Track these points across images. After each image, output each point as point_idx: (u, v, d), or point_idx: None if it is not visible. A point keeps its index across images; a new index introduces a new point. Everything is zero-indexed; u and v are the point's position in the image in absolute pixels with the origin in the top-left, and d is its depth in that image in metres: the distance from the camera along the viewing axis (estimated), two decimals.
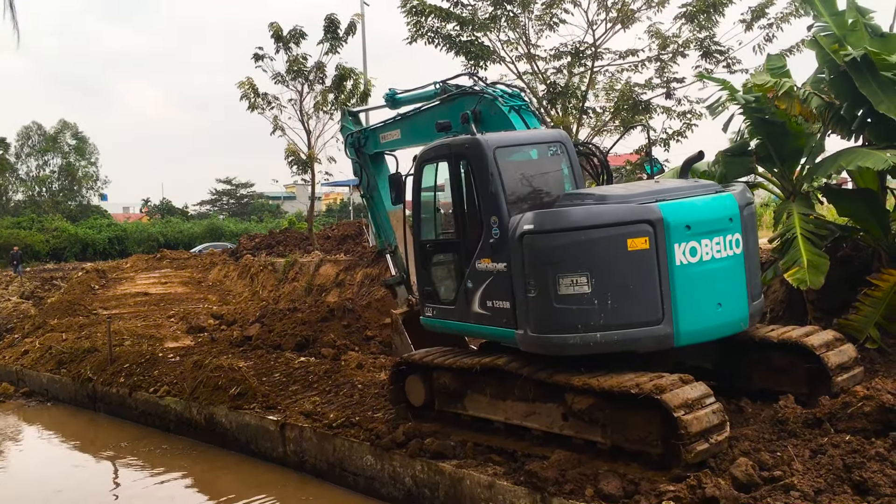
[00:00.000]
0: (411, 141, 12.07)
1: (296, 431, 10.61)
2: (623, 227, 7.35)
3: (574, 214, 7.50)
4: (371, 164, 13.06)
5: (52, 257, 53.80)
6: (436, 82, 11.61)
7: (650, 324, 7.38)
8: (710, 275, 7.64)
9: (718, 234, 7.72)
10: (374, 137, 12.62)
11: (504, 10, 19.10)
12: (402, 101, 13.08)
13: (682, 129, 19.85)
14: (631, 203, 7.54)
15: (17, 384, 17.89)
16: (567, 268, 7.38)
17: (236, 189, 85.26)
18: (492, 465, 8.07)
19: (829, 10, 10.98)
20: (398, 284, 13.10)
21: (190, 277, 28.59)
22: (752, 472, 6.53)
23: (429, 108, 11.11)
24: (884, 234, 10.42)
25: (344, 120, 13.94)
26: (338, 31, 26.81)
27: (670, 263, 7.37)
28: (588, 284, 7.34)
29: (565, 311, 7.42)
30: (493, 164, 8.22)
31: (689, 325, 7.48)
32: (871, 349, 9.60)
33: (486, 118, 9.76)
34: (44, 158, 71.70)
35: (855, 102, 10.26)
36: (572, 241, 7.39)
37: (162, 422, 13.46)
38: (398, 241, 13.00)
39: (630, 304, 7.36)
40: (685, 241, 7.46)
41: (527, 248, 7.64)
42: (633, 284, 7.35)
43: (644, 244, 7.32)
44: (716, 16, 18.46)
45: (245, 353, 14.80)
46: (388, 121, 12.49)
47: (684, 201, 7.73)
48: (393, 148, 12.61)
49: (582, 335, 7.38)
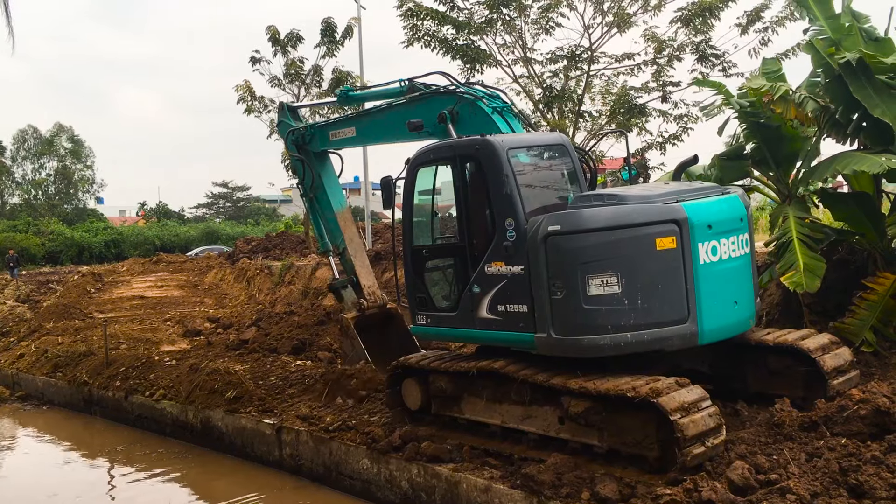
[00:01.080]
0: (368, 139, 11.72)
1: (292, 435, 10.59)
2: (652, 227, 7.41)
3: (602, 214, 7.49)
4: (316, 162, 12.62)
5: (48, 261, 53.73)
6: (401, 80, 11.23)
7: (677, 322, 7.45)
8: (728, 273, 7.79)
9: (733, 233, 7.90)
10: (323, 134, 12.19)
11: (500, 14, 19.11)
12: (357, 99, 12.74)
13: (677, 133, 19.87)
14: (656, 203, 7.59)
15: (13, 388, 17.85)
16: (597, 268, 7.38)
17: (233, 192, 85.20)
18: (488, 469, 8.06)
19: (825, 14, 11.01)
20: (344, 287, 12.80)
21: (186, 281, 28.57)
22: (748, 475, 6.54)
23: (395, 106, 10.77)
24: (879, 238, 10.44)
25: (282, 115, 13.47)
26: (335, 35, 26.86)
27: (695, 262, 7.46)
28: (618, 284, 7.34)
29: (595, 311, 7.39)
30: (508, 164, 8.10)
31: (711, 323, 7.59)
32: (867, 352, 9.62)
33: (463, 119, 9.54)
34: (39, 162, 71.53)
35: (850, 106, 10.28)
36: (602, 242, 7.39)
37: (158, 425, 13.43)
38: (347, 243, 12.69)
39: (658, 303, 7.41)
40: (707, 241, 7.58)
41: (552, 249, 7.56)
42: (661, 284, 7.41)
43: (672, 243, 7.40)
44: (711, 20, 18.48)
45: (241, 356, 14.78)
46: (342, 117, 12.15)
47: (704, 201, 7.85)
48: (344, 146, 12.20)
49: (612, 336, 7.37)
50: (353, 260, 12.78)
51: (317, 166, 12.64)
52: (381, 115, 11.19)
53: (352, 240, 12.83)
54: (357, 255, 12.86)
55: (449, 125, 9.49)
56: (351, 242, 12.80)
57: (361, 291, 12.75)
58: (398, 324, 13.02)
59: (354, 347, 12.27)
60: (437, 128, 9.78)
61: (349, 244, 12.73)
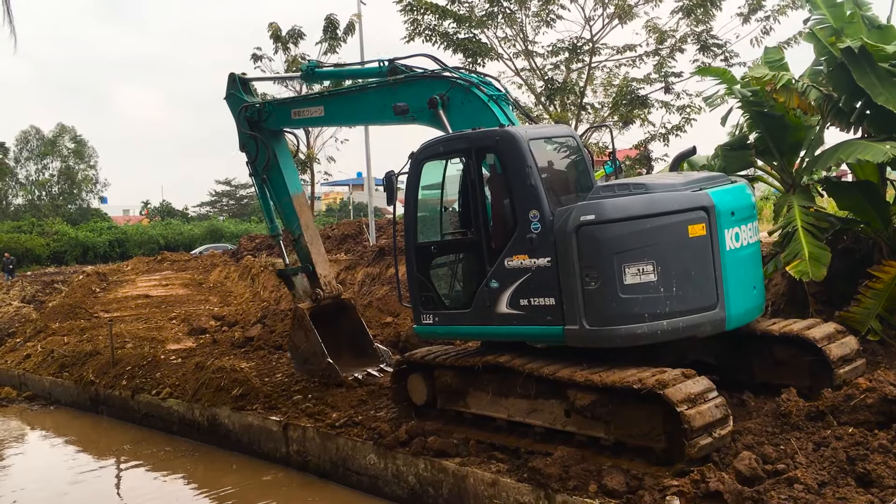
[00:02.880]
0: (338, 120, 10.98)
1: (299, 431, 10.61)
2: (684, 214, 7.45)
3: (635, 203, 7.50)
4: (272, 141, 11.92)
5: (53, 261, 53.83)
6: (381, 60, 10.77)
7: (708, 309, 7.53)
8: (747, 260, 7.95)
9: (750, 220, 8.08)
10: (283, 112, 11.59)
11: (501, 7, 19.08)
12: (325, 76, 12.12)
13: (680, 124, 19.83)
14: (684, 191, 7.64)
15: (20, 388, 17.91)
16: (633, 257, 7.38)
17: (236, 190, 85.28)
18: (495, 463, 8.06)
19: (827, 2, 10.96)
20: (295, 274, 12.25)
21: (191, 279, 28.57)
22: (755, 465, 6.53)
23: (375, 87, 10.37)
24: (884, 226, 10.41)
25: (232, 87, 12.36)
26: (336, 31, 26.82)
27: (721, 248, 7.54)
28: (654, 272, 7.36)
29: (632, 300, 7.39)
30: (531, 156, 7.98)
31: (736, 309, 7.70)
32: (873, 341, 9.60)
33: (454, 105, 9.28)
34: (43, 162, 71.72)
35: (853, 94, 10.24)
36: (637, 230, 7.41)
37: (165, 424, 13.46)
38: (303, 229, 12.06)
39: (691, 290, 7.47)
40: (731, 227, 7.69)
41: (586, 239, 7.49)
42: (693, 270, 7.47)
43: (702, 230, 7.47)
44: (713, 9, 18.42)
45: (247, 353, 14.81)
46: (310, 95, 11.37)
47: (725, 188, 7.94)
48: (307, 126, 11.66)
49: (650, 324, 7.38)
50: (309, 247, 12.18)
51: (272, 145, 11.96)
52: (356, 95, 10.74)
53: (307, 226, 12.22)
54: (313, 243, 12.27)
55: (440, 111, 9.24)
56: (307, 229, 12.19)
57: (317, 281, 12.20)
58: (350, 315, 12.64)
59: (309, 339, 11.84)
60: (423, 113, 9.46)
61: (305, 230, 12.12)
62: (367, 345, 12.61)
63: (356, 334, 12.61)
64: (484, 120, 8.91)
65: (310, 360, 11.99)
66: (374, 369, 12.03)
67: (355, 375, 11.68)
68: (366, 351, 12.53)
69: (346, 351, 12.41)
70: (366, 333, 12.71)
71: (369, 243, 26.58)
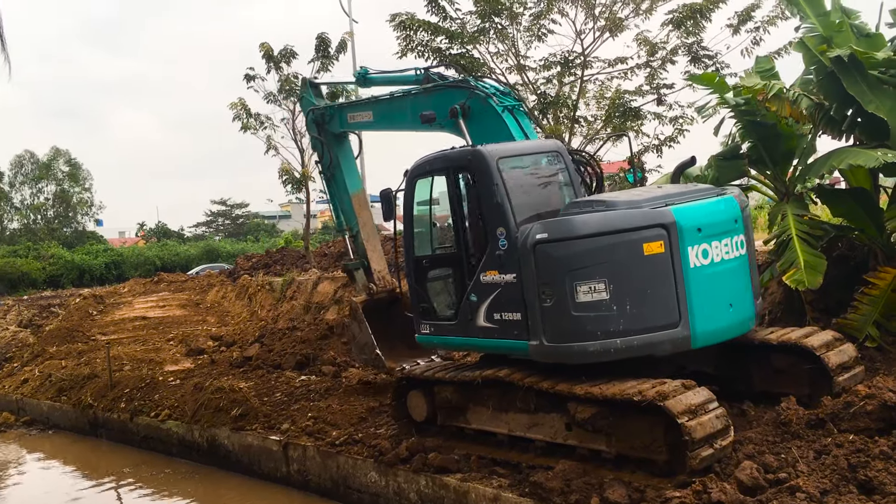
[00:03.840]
0: (384, 125, 11.58)
1: (299, 451, 10.57)
2: (638, 232, 7.40)
3: (589, 221, 7.51)
4: (334, 143, 12.62)
5: (49, 284, 53.60)
6: (417, 69, 11.28)
7: (668, 327, 7.44)
8: (721, 276, 7.76)
9: (726, 235, 7.86)
10: (342, 116, 12.18)
11: (492, 23, 19.18)
12: (373, 82, 12.62)
13: (673, 135, 19.91)
14: (643, 208, 7.59)
15: (18, 413, 17.81)
16: (584, 275, 7.39)
17: (231, 210, 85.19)
18: (496, 478, 8.05)
19: (816, 12, 11.05)
20: (357, 269, 12.81)
21: (188, 300, 28.49)
22: (757, 475, 6.53)
23: (410, 95, 10.78)
24: (879, 233, 10.45)
25: (304, 91, 13.33)
26: (328, 50, 26.89)
27: (685, 266, 7.45)
28: (606, 290, 7.35)
29: (584, 318, 7.41)
30: (498, 174, 8.16)
31: (704, 327, 7.56)
32: (871, 348, 9.61)
33: (475, 114, 9.52)
34: (38, 186, 71.53)
35: (844, 102, 10.30)
36: (589, 248, 7.41)
37: (164, 446, 13.41)
38: (360, 227, 12.66)
39: (648, 308, 7.41)
40: (697, 244, 7.55)
41: (541, 257, 7.59)
42: (650, 289, 7.40)
43: (659, 248, 7.39)
44: (703, 21, 18.54)
45: (245, 373, 14.76)
46: (362, 100, 12.12)
47: (693, 204, 7.82)
48: (362, 129, 12.18)
49: (602, 342, 7.38)
50: (366, 244, 12.77)
51: (335, 147, 12.64)
52: (396, 103, 11.18)
53: (365, 224, 12.83)
54: (369, 240, 12.85)
55: (460, 120, 9.49)
56: (364, 226, 12.79)
57: (372, 276, 12.77)
58: (402, 308, 12.83)
59: (362, 331, 12.27)
60: (448, 121, 9.77)
61: (362, 228, 12.73)
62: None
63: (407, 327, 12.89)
64: (497, 131, 9.16)
65: (363, 350, 12.34)
66: (424, 360, 12.22)
67: (403, 366, 11.82)
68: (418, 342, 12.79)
69: (399, 342, 12.53)
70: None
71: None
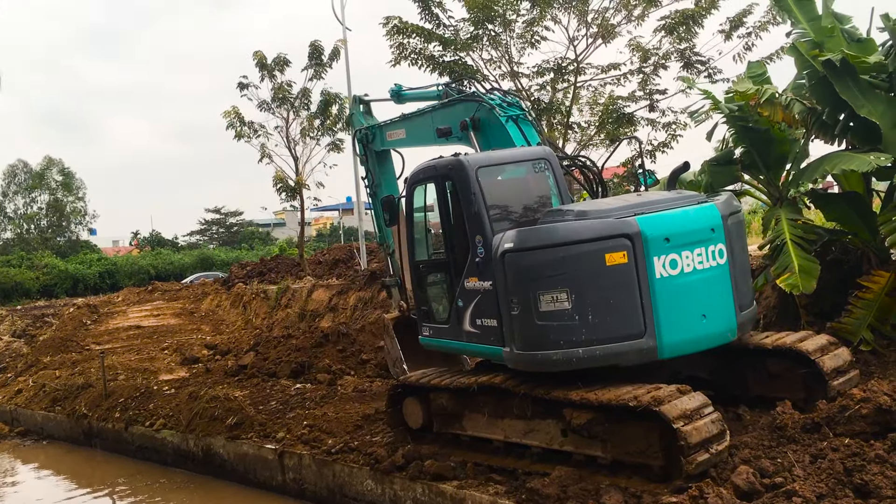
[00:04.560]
0: (415, 141, 12.02)
1: (294, 459, 10.54)
2: (601, 242, 7.39)
3: (552, 231, 7.57)
4: (377, 161, 12.96)
5: (43, 294, 53.46)
6: (438, 84, 11.71)
7: (632, 337, 7.42)
8: (693, 286, 7.64)
9: (700, 245, 7.71)
10: (382, 134, 12.54)
11: (486, 30, 19.22)
12: (406, 98, 13.01)
13: (667, 140, 19.95)
14: (608, 218, 7.57)
15: (12, 424, 17.73)
16: (547, 284, 7.45)
17: (225, 218, 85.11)
18: (493, 485, 8.04)
19: (807, 17, 11.09)
20: (393, 286, 13.14)
21: (182, 308, 28.47)
22: (753, 479, 6.53)
23: (429, 112, 11.10)
24: (872, 237, 10.48)
25: (353, 108, 13.71)
26: (322, 58, 26.90)
27: (650, 276, 7.41)
28: (568, 300, 7.40)
29: (547, 327, 7.47)
30: (476, 184, 8.30)
31: (672, 337, 7.50)
32: (866, 351, 9.63)
33: (485, 126, 9.78)
34: (31, 196, 71.42)
35: (836, 107, 10.34)
36: (551, 258, 7.46)
37: (159, 455, 13.36)
38: (395, 245, 12.87)
39: (611, 318, 7.40)
40: (664, 254, 7.49)
41: (508, 266, 7.70)
42: (613, 299, 7.39)
43: (622, 258, 7.37)
44: (695, 27, 18.61)
45: (240, 382, 14.72)
46: (395, 119, 12.47)
47: (663, 214, 7.74)
48: (399, 147, 12.55)
49: (564, 351, 7.42)
50: (401, 262, 12.82)
51: (377, 165, 12.97)
52: (420, 119, 11.47)
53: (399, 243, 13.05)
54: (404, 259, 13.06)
55: (470, 132, 9.71)
56: (398, 245, 12.96)
57: (405, 294, 12.91)
58: None
59: (392, 346, 12.54)
60: (462, 134, 10.04)
61: (397, 247, 12.85)
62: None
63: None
64: (502, 141, 9.34)
65: (395, 364, 12.54)
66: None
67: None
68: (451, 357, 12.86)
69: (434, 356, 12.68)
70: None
71: (361, 268, 26.55)
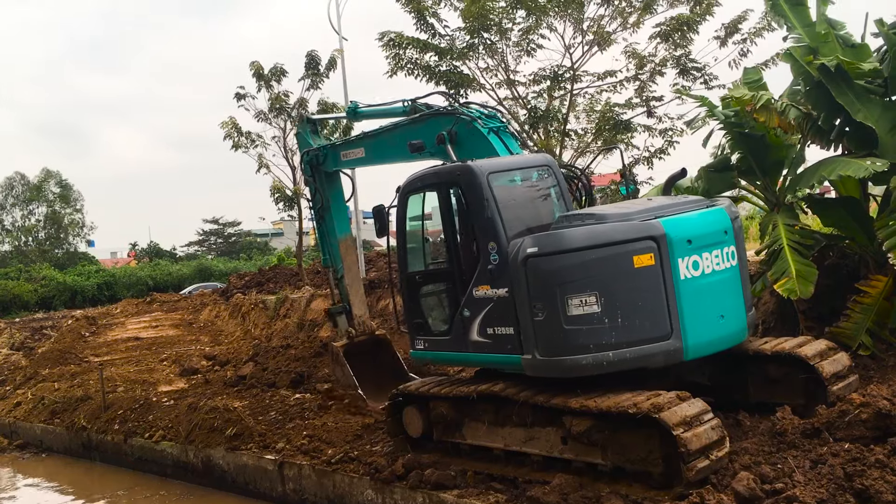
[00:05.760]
0: (377, 160, 11.72)
1: (294, 469, 10.52)
2: (628, 245, 7.42)
3: (579, 235, 7.53)
4: (327, 182, 12.72)
5: (41, 306, 53.37)
6: (405, 100, 11.37)
7: (660, 339, 7.45)
8: (712, 287, 7.77)
9: (716, 246, 7.88)
10: (335, 155, 12.25)
11: (481, 39, 19.26)
12: (364, 115, 12.81)
13: (663, 147, 20.00)
14: (633, 220, 7.62)
15: (11, 437, 17.67)
16: (575, 288, 7.40)
17: (223, 228, 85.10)
18: (493, 493, 8.01)
19: (802, 23, 11.14)
20: (339, 314, 13.08)
21: (181, 319, 28.43)
22: (753, 485, 6.52)
23: (398, 127, 10.89)
24: (869, 241, 10.49)
25: (301, 127, 13.37)
26: (318, 68, 26.95)
27: (675, 278, 7.47)
28: (597, 303, 7.36)
29: (576, 331, 7.41)
30: (488, 189, 8.21)
31: (696, 339, 7.57)
32: (865, 356, 9.64)
33: (461, 139, 9.63)
34: (28, 208, 71.41)
35: (832, 112, 10.38)
36: (579, 262, 7.42)
37: (159, 467, 13.32)
38: (346, 271, 12.94)
39: (639, 320, 7.41)
40: (687, 255, 7.58)
41: (532, 271, 7.60)
42: (641, 301, 7.41)
43: (650, 260, 7.41)
44: (690, 34, 18.67)
45: (240, 392, 14.70)
46: (352, 138, 12.34)
47: (683, 216, 7.85)
48: (355, 166, 12.37)
49: (594, 355, 7.38)
50: (349, 288, 13.11)
51: (327, 188, 12.79)
52: (386, 136, 11.29)
53: (350, 268, 13.13)
54: (353, 285, 13.22)
55: (447, 146, 9.60)
56: (349, 271, 13.11)
57: (353, 320, 13.12)
58: (387, 349, 13.43)
59: (344, 374, 12.58)
60: (437, 148, 9.89)
61: (347, 272, 13.02)
62: (403, 375, 13.10)
63: (393, 366, 13.32)
64: (485, 152, 9.19)
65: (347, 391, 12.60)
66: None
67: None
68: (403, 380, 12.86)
69: (385, 382, 12.82)
70: (401, 365, 13.36)
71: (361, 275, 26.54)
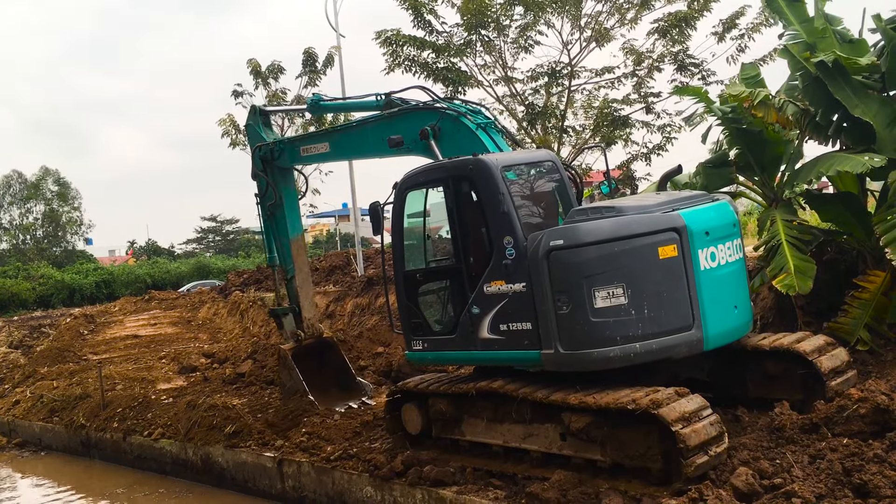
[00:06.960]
0: (343, 155, 11.36)
1: (293, 467, 10.52)
2: (653, 236, 7.44)
3: (604, 226, 7.51)
4: (280, 180, 12.25)
5: (40, 305, 53.31)
6: (377, 94, 11.07)
7: (683, 330, 7.50)
8: (727, 278, 7.88)
9: (728, 239, 7.99)
10: (293, 150, 11.82)
11: (479, 35, 19.26)
12: (327, 109, 12.43)
13: (662, 143, 20.02)
14: (654, 213, 7.64)
15: (10, 435, 17.68)
16: (602, 280, 7.37)
17: (222, 226, 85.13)
18: (492, 490, 8.02)
19: (799, 18, 11.13)
20: (285, 315, 12.77)
21: (179, 317, 28.40)
22: (752, 481, 6.53)
23: (372, 122, 10.61)
24: (867, 237, 10.50)
25: (252, 119, 12.55)
26: (316, 65, 26.96)
27: (696, 269, 7.52)
28: (624, 295, 7.36)
29: (603, 324, 7.39)
30: (503, 183, 8.13)
31: (715, 329, 7.65)
32: (863, 351, 9.65)
33: (445, 135, 9.45)
34: (26, 206, 71.33)
35: (829, 108, 10.38)
36: (606, 253, 7.40)
37: (158, 465, 13.32)
38: (296, 272, 12.60)
39: (664, 311, 7.45)
40: (706, 247, 7.65)
41: (555, 264, 7.54)
42: (665, 292, 7.44)
43: (673, 251, 7.45)
44: (688, 30, 18.68)
45: (238, 390, 14.70)
46: (316, 132, 11.78)
47: (699, 208, 7.93)
48: (316, 162, 11.92)
49: (622, 347, 7.37)
50: (299, 290, 12.72)
51: (280, 185, 12.29)
52: (356, 130, 10.98)
53: (301, 269, 12.77)
54: (303, 286, 12.81)
55: (431, 141, 9.41)
56: (300, 272, 12.74)
57: (301, 323, 12.78)
58: (335, 353, 13.20)
59: (292, 377, 12.32)
60: (417, 144, 9.65)
61: (298, 273, 12.67)
62: (351, 380, 12.98)
63: (341, 371, 13.08)
64: (473, 148, 9.01)
65: (293, 395, 12.37)
66: (356, 402, 12.34)
67: (337, 409, 11.93)
68: (350, 385, 12.92)
69: (333, 386, 12.85)
70: (349, 370, 13.14)
71: (357, 274, 26.54)
